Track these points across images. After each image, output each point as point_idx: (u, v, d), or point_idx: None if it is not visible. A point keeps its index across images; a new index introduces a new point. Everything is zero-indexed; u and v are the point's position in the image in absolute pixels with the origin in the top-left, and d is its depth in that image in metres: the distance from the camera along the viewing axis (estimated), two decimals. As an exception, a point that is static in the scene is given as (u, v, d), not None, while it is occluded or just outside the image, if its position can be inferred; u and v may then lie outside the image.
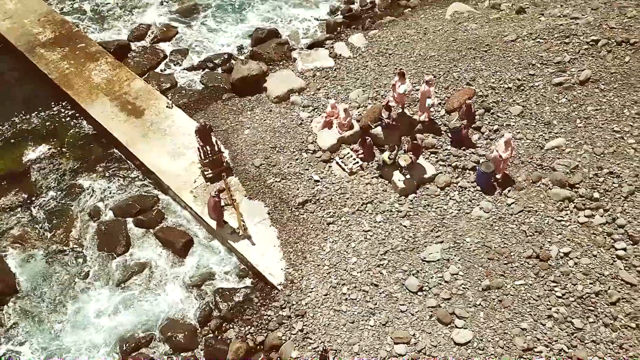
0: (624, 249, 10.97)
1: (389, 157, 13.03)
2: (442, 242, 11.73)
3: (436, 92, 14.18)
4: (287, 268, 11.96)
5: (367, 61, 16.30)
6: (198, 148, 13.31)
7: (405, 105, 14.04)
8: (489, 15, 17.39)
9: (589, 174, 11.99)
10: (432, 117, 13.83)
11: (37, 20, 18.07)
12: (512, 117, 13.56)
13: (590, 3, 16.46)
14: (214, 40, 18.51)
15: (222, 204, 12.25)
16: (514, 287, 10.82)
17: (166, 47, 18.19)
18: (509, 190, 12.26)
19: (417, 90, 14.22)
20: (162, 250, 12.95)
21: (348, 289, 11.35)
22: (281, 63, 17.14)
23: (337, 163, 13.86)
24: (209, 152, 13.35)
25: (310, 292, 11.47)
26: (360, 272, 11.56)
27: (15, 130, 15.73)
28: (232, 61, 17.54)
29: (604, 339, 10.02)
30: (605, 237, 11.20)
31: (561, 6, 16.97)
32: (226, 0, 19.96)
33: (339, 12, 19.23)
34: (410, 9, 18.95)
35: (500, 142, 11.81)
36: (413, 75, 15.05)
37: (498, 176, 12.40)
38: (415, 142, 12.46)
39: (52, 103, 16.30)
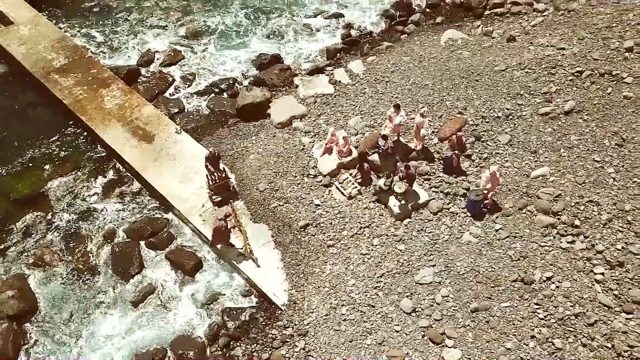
0: (602, 274, 11.85)
1: (384, 184, 13.92)
2: (434, 265, 12.62)
3: (430, 120, 15.08)
4: (290, 289, 12.85)
5: (365, 88, 17.20)
6: (207, 174, 14.22)
7: (401, 133, 14.95)
8: (481, 43, 18.31)
9: (571, 202, 12.89)
10: (426, 145, 14.73)
11: (51, 46, 18.95)
12: (501, 145, 14.46)
13: (576, 33, 17.39)
14: (219, 64, 19.40)
15: (229, 226, 13.16)
16: (500, 309, 11.70)
17: (174, 71, 19.07)
18: (496, 217, 13.16)
19: (412, 119, 15.14)
20: (173, 271, 13.83)
21: (347, 309, 12.23)
22: (284, 89, 18.04)
23: (337, 187, 14.76)
24: (217, 178, 14.25)
25: (312, 312, 12.35)
26: (358, 293, 12.44)
27: (32, 154, 16.58)
28: (237, 85, 18.46)
29: (582, 358, 10.90)
30: (584, 262, 12.08)
31: (549, 35, 17.95)
32: (230, 25, 20.88)
33: (339, 36, 20.20)
34: (406, 35, 19.88)
35: (484, 176, 12.72)
36: (408, 104, 15.96)
37: (487, 202, 13.31)
38: (409, 171, 13.35)
39: (67, 127, 17.16)
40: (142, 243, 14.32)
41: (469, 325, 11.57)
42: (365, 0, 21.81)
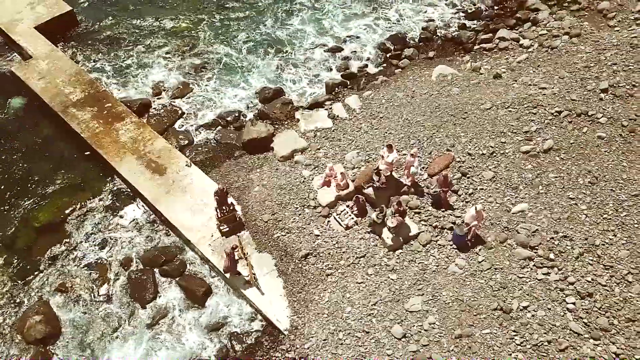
0: (574, 303, 13.12)
1: (377, 217, 15.21)
2: (423, 294, 13.91)
3: (420, 158, 16.40)
4: (292, 315, 14.13)
5: (361, 123, 18.51)
6: (216, 208, 15.51)
7: (393, 169, 16.25)
8: (470, 79, 19.64)
9: (547, 237, 14.18)
10: (416, 181, 16.04)
11: (68, 80, 20.25)
12: (485, 181, 15.76)
13: (557, 71, 18.73)
14: (225, 97, 20.69)
15: (236, 257, 14.46)
16: (481, 336, 12.97)
17: (183, 104, 20.40)
18: (480, 249, 14.46)
19: (404, 155, 16.45)
20: (185, 297, 15.12)
21: (343, 334, 13.52)
22: (286, 122, 19.35)
23: (335, 218, 16.05)
24: (225, 211, 15.54)
25: (312, 337, 13.64)
26: (354, 320, 13.73)
27: (53, 184, 17.88)
28: (242, 118, 19.77)
29: (553, 381, 12.21)
30: (558, 293, 13.36)
31: (533, 72, 19.29)
32: (234, 58, 22.15)
33: (337, 70, 21.53)
34: (400, 69, 21.20)
35: (470, 213, 14.02)
36: (401, 139, 17.28)
37: (471, 235, 14.60)
38: (401, 207, 14.65)
39: (85, 159, 18.46)
40: (157, 270, 15.64)
41: (453, 350, 12.85)
42: (363, 33, 23.19)
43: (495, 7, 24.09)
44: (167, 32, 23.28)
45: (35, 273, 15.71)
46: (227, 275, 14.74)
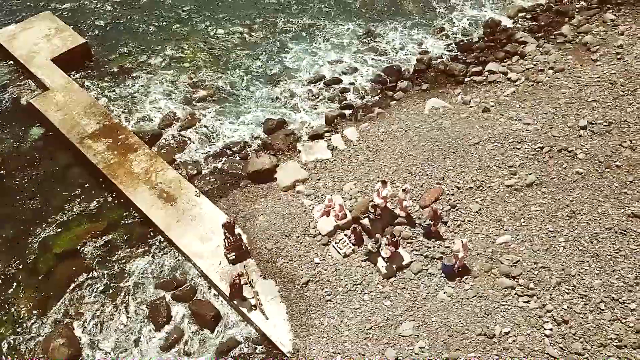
0: (551, 329, 14.44)
1: (372, 247, 16.51)
2: (414, 320, 15.21)
3: (412, 190, 17.72)
4: (294, 339, 15.41)
5: (358, 155, 19.84)
6: (224, 239, 16.81)
7: (388, 201, 17.56)
8: (460, 112, 20.99)
9: (527, 267, 15.51)
10: (409, 212, 17.35)
11: (84, 112, 21.57)
12: (472, 213, 17.09)
13: (542, 107, 20.10)
14: (231, 128, 21.97)
15: (242, 282, 15.76)
16: (467, 359, 14.28)
17: (191, 134, 21.72)
18: (466, 278, 15.76)
19: (398, 187, 17.77)
20: (195, 321, 16.38)
21: (341, 357, 14.80)
22: (288, 153, 20.67)
23: (334, 247, 17.35)
24: (232, 241, 16.84)
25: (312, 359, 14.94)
26: (351, 343, 15.01)
27: (70, 213, 19.16)
28: (247, 149, 21.08)
29: (531, 401, 13.49)
30: (537, 319, 14.67)
31: (519, 106, 20.65)
32: (239, 89, 23.47)
33: (336, 102, 22.87)
34: (396, 102, 22.55)
35: (457, 245, 15.34)
36: (394, 172, 18.60)
37: (458, 265, 15.89)
38: (394, 239, 15.96)
39: (100, 188, 19.72)
40: (169, 295, 16.92)
41: (441, 372, 14.17)
42: (360, 65, 24.54)
43: (486, 40, 25.49)
44: (175, 63, 24.62)
45: (57, 297, 16.98)
46: (235, 300, 16.04)
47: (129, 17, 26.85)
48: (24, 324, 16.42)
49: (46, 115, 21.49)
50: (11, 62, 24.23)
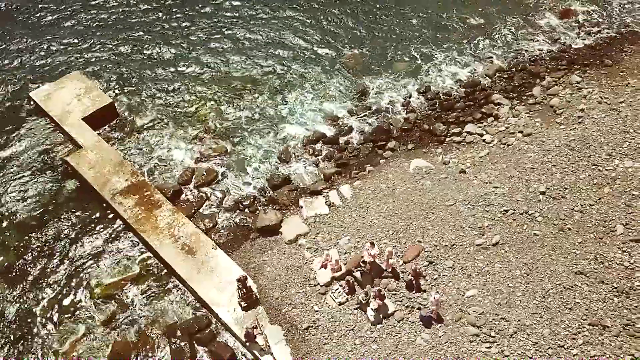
0: (507, 371, 17.74)
1: (362, 298, 19.72)
2: (396, 362, 18.44)
3: (397, 246, 20.95)
4: (297, 377, 18.64)
5: (351, 211, 23.08)
6: (237, 289, 20.00)
7: (376, 257, 20.77)
8: (440, 172, 24.27)
9: (490, 318, 18.73)
10: (394, 267, 20.56)
11: (114, 169, 24.76)
12: (447, 269, 20.31)
13: (509, 170, 23.37)
14: (241, 183, 25.19)
15: (255, 333, 18.96)
16: (438, 396, 17.52)
17: (207, 190, 24.92)
18: (440, 326, 18.97)
19: (386, 243, 21.00)
20: (214, 360, 19.63)
21: (336, 393, 18.04)
22: (292, 208, 23.91)
23: (330, 296, 20.56)
24: (245, 292, 20.03)
25: (312, 395, 18.15)
26: (344, 381, 18.26)
27: (109, 260, 22.33)
28: (256, 204, 24.26)
29: None
30: (496, 363, 17.95)
31: (491, 168, 23.92)
32: (248, 145, 26.71)
33: (332, 160, 26.09)
34: (384, 160, 25.80)
35: (431, 300, 18.55)
36: (382, 230, 21.81)
37: (433, 315, 19.10)
38: (381, 293, 19.17)
39: (128, 238, 22.99)
40: (191, 338, 20.10)
41: (417, 407, 17.38)
42: (355, 123, 27.74)
43: (467, 99, 28.68)
44: (192, 119, 27.86)
45: (97, 335, 20.16)
46: (248, 344, 19.24)
47: (150, 73, 30.05)
48: None
49: (81, 173, 24.68)
50: (47, 119, 27.43)
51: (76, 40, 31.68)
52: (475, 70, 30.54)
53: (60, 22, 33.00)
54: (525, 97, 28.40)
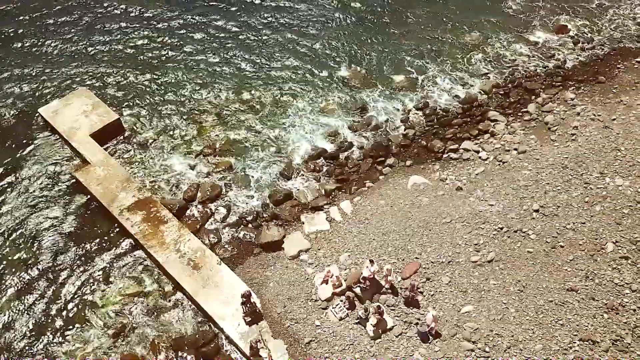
0: (501, 385, 18.53)
1: (362, 314, 20.47)
2: (394, 376, 19.21)
3: (395, 262, 21.71)
4: (300, 390, 19.41)
5: (352, 227, 23.85)
6: (242, 304, 20.74)
7: (375, 273, 21.52)
8: (437, 189, 25.04)
9: (484, 333, 19.50)
10: (392, 284, 21.32)
11: (121, 185, 25.50)
12: (443, 285, 21.08)
13: (504, 188, 24.14)
14: (245, 198, 25.98)
15: (259, 347, 19.72)
16: (434, 409, 18.29)
17: (211, 205, 25.66)
18: (437, 341, 19.72)
19: (384, 259, 21.76)
20: (219, 373, 20.40)
21: (337, 406, 18.80)
22: (294, 223, 24.67)
23: (331, 311, 21.32)
24: (249, 307, 20.78)
25: (314, 407, 18.91)
26: (344, 395, 19.03)
27: (115, 274, 23.10)
28: (259, 218, 25.00)
29: None
30: (490, 377, 18.72)
31: (487, 184, 24.70)
32: (252, 161, 27.49)
33: (333, 175, 26.84)
34: (384, 176, 26.57)
35: (428, 317, 19.32)
36: (381, 247, 22.56)
37: (430, 330, 19.86)
38: (380, 309, 19.93)
39: (134, 253, 23.75)
40: (197, 352, 20.84)
41: (414, 419, 18.15)
42: (355, 139, 28.52)
43: (464, 115, 29.45)
44: (195, 135, 28.61)
45: (105, 348, 20.92)
46: (251, 357, 20.00)
47: (155, 90, 30.85)
48: None
49: (89, 189, 25.42)
50: (56, 135, 28.17)
51: (83, 59, 32.46)
52: (472, 86, 31.35)
53: (65, 46, 33.60)
54: (520, 114, 29.21)
